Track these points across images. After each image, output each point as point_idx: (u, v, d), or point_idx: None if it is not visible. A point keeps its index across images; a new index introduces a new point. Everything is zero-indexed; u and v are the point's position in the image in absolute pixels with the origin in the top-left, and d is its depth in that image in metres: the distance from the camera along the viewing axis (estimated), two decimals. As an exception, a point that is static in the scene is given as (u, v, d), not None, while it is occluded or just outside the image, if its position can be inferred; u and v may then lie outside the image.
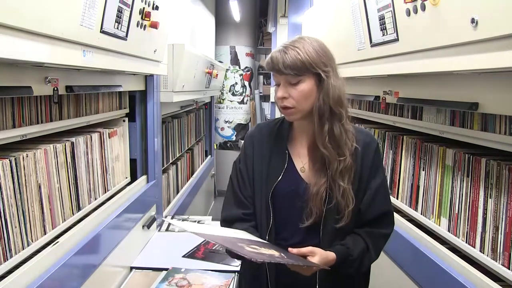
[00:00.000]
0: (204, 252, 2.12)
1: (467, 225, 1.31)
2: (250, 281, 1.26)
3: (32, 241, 1.24)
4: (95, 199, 1.71)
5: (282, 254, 1.05)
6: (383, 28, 1.50)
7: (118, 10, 1.41)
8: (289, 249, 1.07)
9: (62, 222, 1.42)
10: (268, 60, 1.16)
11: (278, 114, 2.15)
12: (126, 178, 2.11)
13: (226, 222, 1.24)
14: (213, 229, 1.18)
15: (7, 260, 1.12)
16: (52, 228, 1.36)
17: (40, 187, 1.28)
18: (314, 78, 1.12)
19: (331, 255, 1.11)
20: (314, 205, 1.13)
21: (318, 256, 1.08)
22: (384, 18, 1.47)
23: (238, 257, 1.20)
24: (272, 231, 1.18)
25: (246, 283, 1.29)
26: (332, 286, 1.17)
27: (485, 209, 1.24)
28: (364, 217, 1.19)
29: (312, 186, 1.15)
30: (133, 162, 2.20)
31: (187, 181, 3.52)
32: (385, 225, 1.22)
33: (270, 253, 1.03)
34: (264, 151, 1.22)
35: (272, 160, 1.21)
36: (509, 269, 1.14)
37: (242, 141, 1.38)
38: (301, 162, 1.20)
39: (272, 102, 5.87)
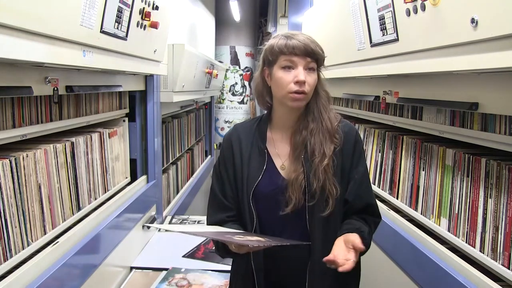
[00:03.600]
0: (204, 252, 2.12)
1: (467, 225, 1.31)
2: (239, 282, 1.26)
3: (32, 241, 1.24)
4: (95, 199, 1.71)
5: (267, 239, 1.07)
6: (383, 28, 1.50)
7: (118, 10, 1.41)
8: (324, 259, 1.02)
9: (62, 222, 1.42)
10: (295, 42, 1.12)
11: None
12: (126, 178, 2.11)
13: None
14: (196, 227, 1.19)
15: (7, 260, 1.12)
16: (52, 228, 1.36)
17: (40, 187, 1.28)
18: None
19: (356, 236, 1.08)
20: (293, 191, 1.13)
21: (352, 243, 1.05)
22: (384, 18, 1.47)
23: (228, 255, 1.20)
24: (257, 230, 1.18)
25: (236, 284, 1.28)
26: (322, 285, 1.16)
27: (485, 209, 1.24)
28: (352, 207, 1.18)
29: (291, 173, 1.15)
30: (133, 162, 2.20)
31: (187, 181, 3.52)
32: (374, 215, 1.23)
33: (257, 239, 1.05)
34: (243, 152, 1.21)
35: (252, 161, 1.20)
36: (509, 269, 1.14)
37: None
38: (281, 160, 1.20)
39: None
